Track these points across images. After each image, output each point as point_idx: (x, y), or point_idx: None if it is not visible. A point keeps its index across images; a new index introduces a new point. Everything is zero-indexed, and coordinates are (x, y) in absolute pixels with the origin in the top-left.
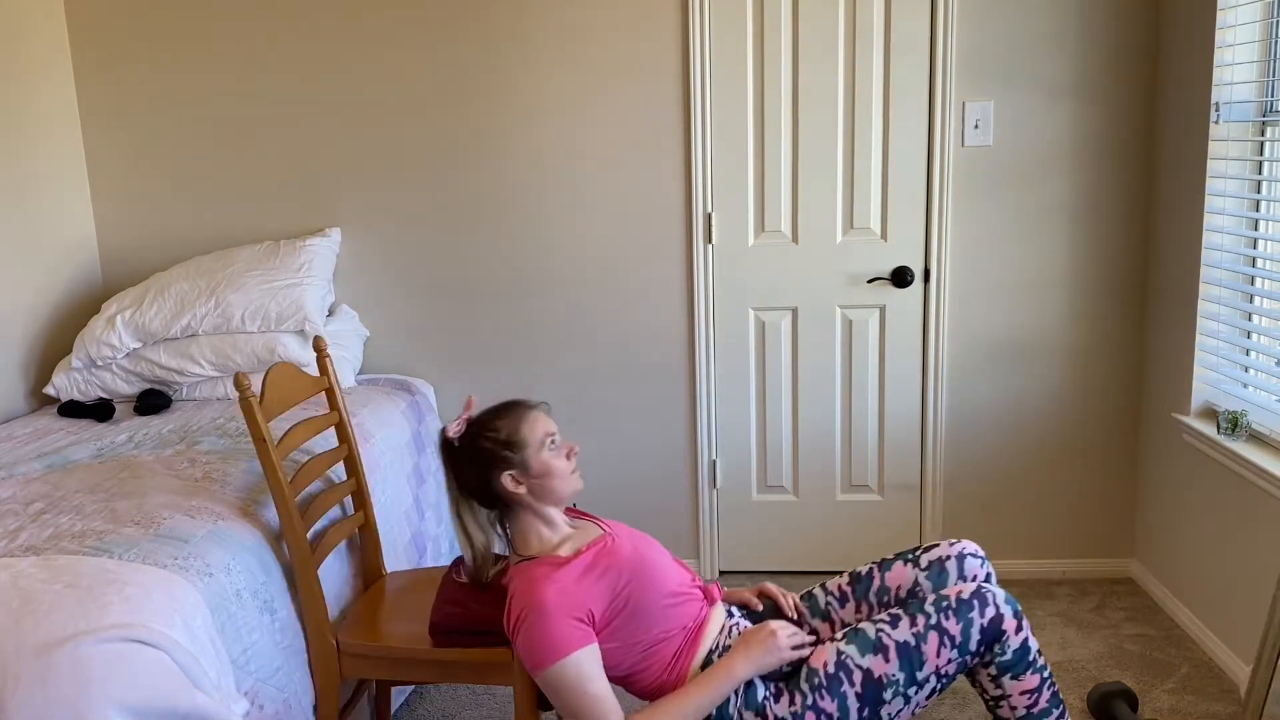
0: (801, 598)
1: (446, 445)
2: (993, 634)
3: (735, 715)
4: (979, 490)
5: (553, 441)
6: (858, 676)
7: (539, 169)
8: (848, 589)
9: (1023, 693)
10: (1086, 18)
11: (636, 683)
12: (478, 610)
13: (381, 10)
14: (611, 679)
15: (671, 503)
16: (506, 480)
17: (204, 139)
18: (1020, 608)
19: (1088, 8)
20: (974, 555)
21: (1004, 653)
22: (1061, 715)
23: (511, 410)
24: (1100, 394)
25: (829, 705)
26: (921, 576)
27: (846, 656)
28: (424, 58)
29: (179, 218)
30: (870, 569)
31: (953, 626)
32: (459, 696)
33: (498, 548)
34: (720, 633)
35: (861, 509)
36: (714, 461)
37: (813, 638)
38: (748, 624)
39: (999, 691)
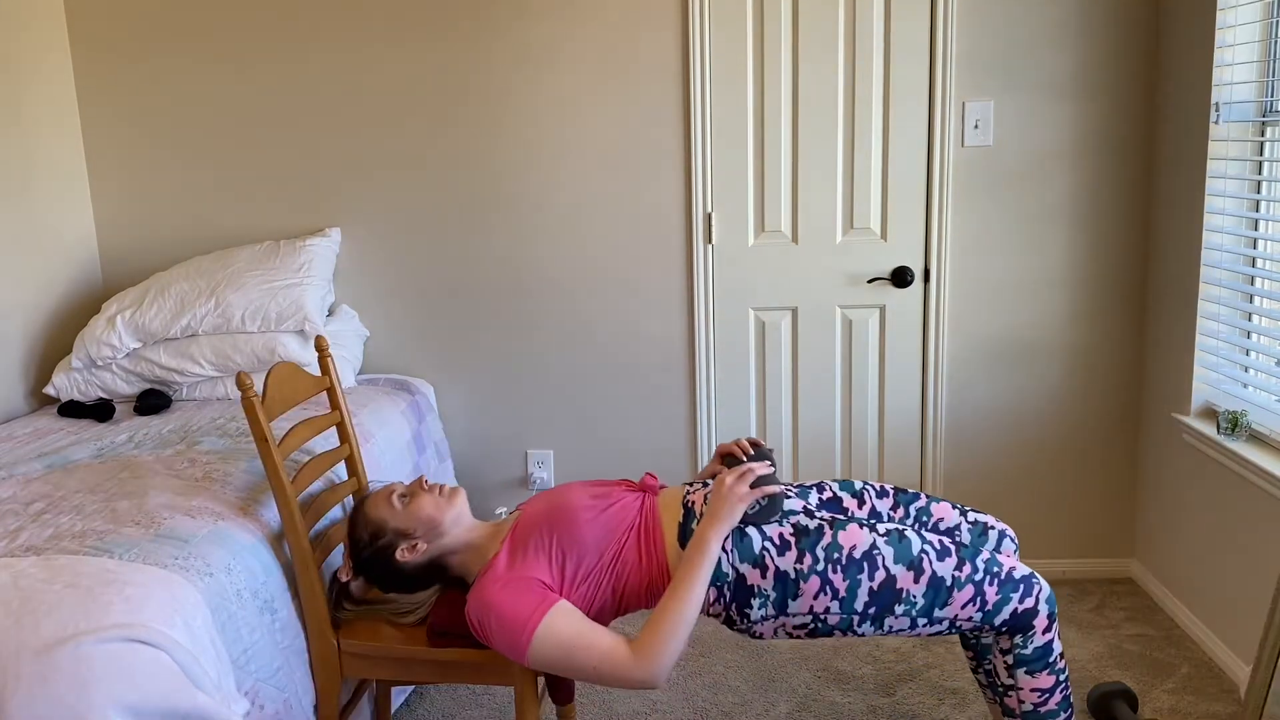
0: (837, 480)
1: (344, 589)
2: (1021, 623)
3: (731, 571)
4: (979, 490)
5: (401, 496)
6: (880, 576)
7: (539, 168)
8: (890, 490)
9: (1034, 689)
10: (1086, 18)
11: (627, 600)
12: None
13: (382, 10)
14: (608, 615)
15: None
16: (404, 555)
17: (204, 139)
18: (1056, 612)
19: (1088, 8)
20: (1012, 540)
21: (1025, 646)
22: None
23: (355, 515)
24: (1100, 394)
25: (838, 582)
26: (966, 526)
27: (879, 554)
28: (424, 57)
29: (179, 218)
30: (918, 492)
31: (991, 594)
32: (459, 696)
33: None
34: (699, 504)
35: None
36: None
37: (771, 467)
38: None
39: (1011, 682)
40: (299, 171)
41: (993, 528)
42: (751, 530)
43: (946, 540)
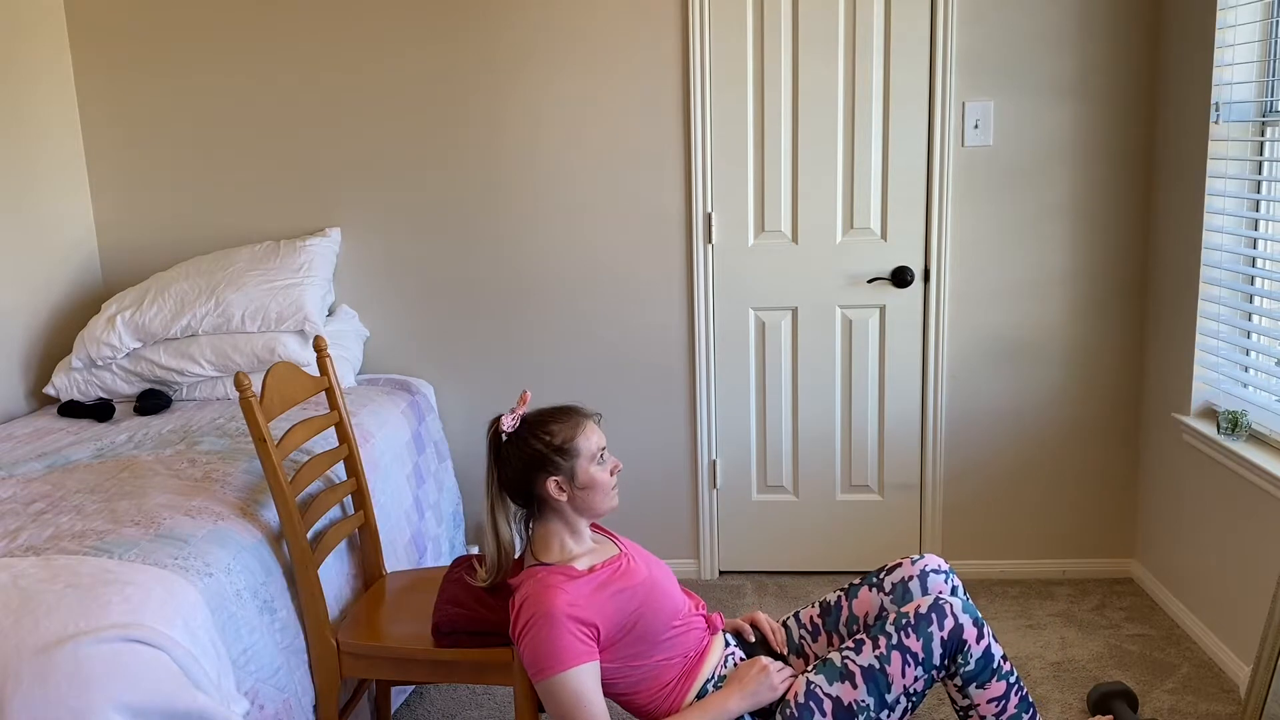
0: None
1: (497, 437)
2: (954, 645)
3: None
4: (979, 490)
5: (602, 456)
6: (828, 705)
7: (539, 168)
8: (819, 621)
9: (990, 700)
10: (1086, 18)
11: (631, 703)
12: (479, 611)
13: (382, 10)
14: (608, 696)
15: (671, 503)
16: (550, 485)
17: (204, 139)
18: (980, 615)
19: (1088, 8)
20: (937, 571)
21: (967, 663)
22: (1032, 719)
23: (568, 416)
24: (1100, 394)
25: None
26: (886, 601)
27: (815, 686)
28: (425, 58)
29: (179, 218)
30: (839, 598)
31: (914, 644)
32: (459, 696)
33: (518, 550)
34: (718, 663)
35: (861, 509)
36: (714, 461)
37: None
38: (742, 655)
39: (966, 701)
40: (299, 171)
41: (911, 578)
42: (745, 715)
43: (860, 634)
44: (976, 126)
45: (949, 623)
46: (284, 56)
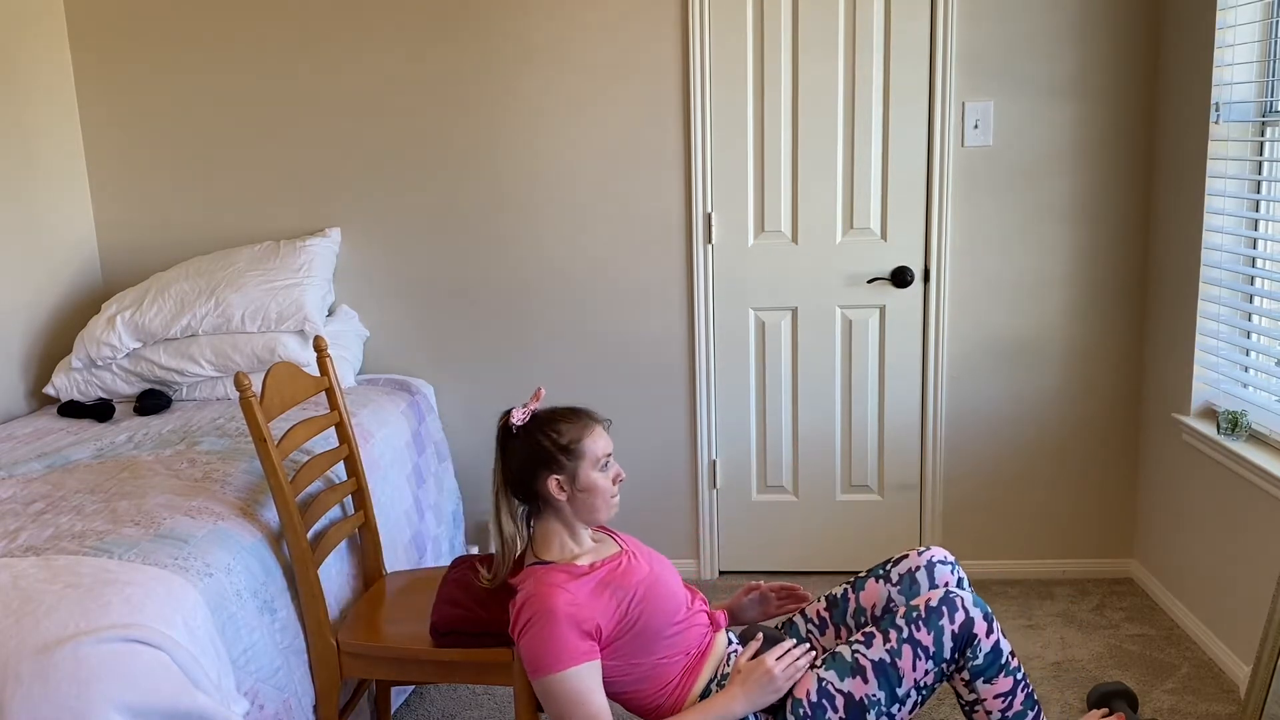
0: (780, 627)
1: (506, 429)
2: (964, 638)
3: None
4: (979, 490)
5: (607, 462)
6: (840, 701)
7: (539, 168)
8: (825, 615)
9: (997, 696)
10: (1086, 18)
11: (634, 702)
12: (478, 611)
13: (382, 11)
14: (610, 695)
15: (671, 503)
16: (551, 484)
17: (204, 139)
18: (990, 609)
19: (1088, 8)
20: (943, 562)
21: (975, 656)
22: (1037, 717)
23: (578, 417)
24: (1100, 394)
25: None
26: (894, 592)
27: (827, 682)
28: (425, 58)
29: (179, 218)
30: (845, 590)
31: (925, 637)
32: (459, 696)
33: (519, 548)
34: (720, 661)
35: (861, 509)
36: (714, 461)
37: (812, 654)
38: (739, 648)
39: (973, 696)
40: (299, 171)
41: (918, 569)
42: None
43: (869, 627)
44: (976, 126)
45: (960, 616)
46: (284, 57)
